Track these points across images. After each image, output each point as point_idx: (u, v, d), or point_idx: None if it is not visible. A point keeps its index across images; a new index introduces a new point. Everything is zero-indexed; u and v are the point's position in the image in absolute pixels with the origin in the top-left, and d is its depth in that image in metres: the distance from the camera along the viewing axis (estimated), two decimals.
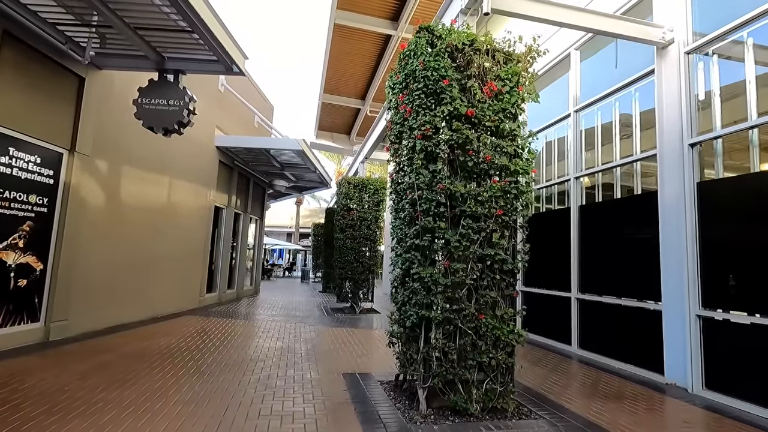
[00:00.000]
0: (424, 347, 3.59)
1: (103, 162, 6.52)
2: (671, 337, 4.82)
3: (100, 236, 6.47)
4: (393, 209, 4.15)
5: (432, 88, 3.63)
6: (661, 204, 5.07)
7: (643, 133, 5.81)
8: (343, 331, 7.63)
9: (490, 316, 3.62)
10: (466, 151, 3.65)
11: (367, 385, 4.36)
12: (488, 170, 3.70)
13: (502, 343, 3.61)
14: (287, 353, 5.72)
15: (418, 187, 3.62)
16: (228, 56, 5.80)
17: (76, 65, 5.88)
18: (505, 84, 3.81)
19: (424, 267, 3.59)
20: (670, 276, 4.89)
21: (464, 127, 3.62)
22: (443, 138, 3.59)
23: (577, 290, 6.52)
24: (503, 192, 3.68)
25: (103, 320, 6.56)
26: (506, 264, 3.68)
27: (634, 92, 5.98)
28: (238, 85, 11.65)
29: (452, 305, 3.55)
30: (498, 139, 3.74)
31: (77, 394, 3.71)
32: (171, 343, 5.96)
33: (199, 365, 4.87)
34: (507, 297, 3.79)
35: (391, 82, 4.33)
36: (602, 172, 6.40)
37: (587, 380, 4.94)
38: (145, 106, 5.97)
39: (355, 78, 16.09)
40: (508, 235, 3.77)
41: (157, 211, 8.01)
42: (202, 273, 10.03)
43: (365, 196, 10.53)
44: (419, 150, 3.62)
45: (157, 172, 7.89)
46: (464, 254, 3.57)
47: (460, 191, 3.58)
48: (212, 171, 10.39)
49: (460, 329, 3.57)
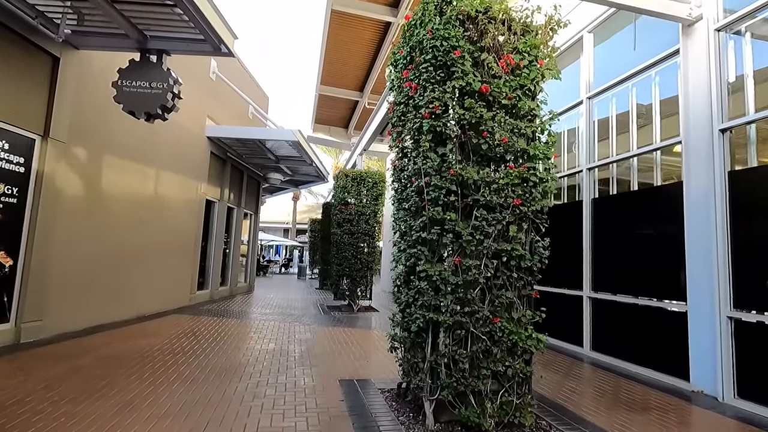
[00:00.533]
0: (432, 354, 3.17)
1: (81, 149, 6.04)
2: (698, 340, 4.42)
3: (78, 229, 6.01)
4: (396, 199, 3.72)
5: (442, 60, 3.19)
6: (687, 195, 4.66)
7: (664, 121, 5.39)
8: (339, 332, 7.22)
9: (505, 319, 3.20)
10: (480, 132, 3.21)
11: (366, 394, 3.95)
12: (504, 154, 3.26)
13: (519, 349, 3.20)
14: (280, 356, 5.30)
15: (426, 172, 3.19)
16: (215, 35, 5.33)
17: (50, 43, 5.40)
18: (523, 57, 3.37)
19: (431, 264, 3.17)
20: (697, 274, 4.48)
21: (478, 105, 3.19)
22: (454, 117, 3.15)
23: (589, 288, 6.11)
24: (521, 179, 3.25)
25: (82, 320, 6.11)
26: (524, 260, 3.26)
27: (653, 76, 5.56)
28: (232, 73, 11.16)
29: (463, 307, 3.13)
30: (515, 119, 3.31)
31: (39, 407, 3.28)
32: (154, 345, 5.52)
33: (181, 371, 4.44)
34: (524, 298, 3.37)
35: (393, 59, 3.90)
36: (617, 162, 5.99)
37: (606, 387, 4.54)
38: (126, 88, 5.50)
39: (353, 68, 15.59)
40: (526, 228, 3.34)
41: (143, 203, 7.54)
42: (193, 269, 9.57)
43: (363, 189, 10.10)
44: (427, 131, 3.18)
45: (142, 162, 7.42)
46: (477, 249, 3.15)
47: (473, 178, 3.16)
48: (203, 162, 9.92)
49: (473, 334, 3.15)
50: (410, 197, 3.37)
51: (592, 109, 6.48)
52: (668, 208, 4.99)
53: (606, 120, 6.30)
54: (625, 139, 5.94)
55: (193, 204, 9.49)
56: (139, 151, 7.31)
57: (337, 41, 13.90)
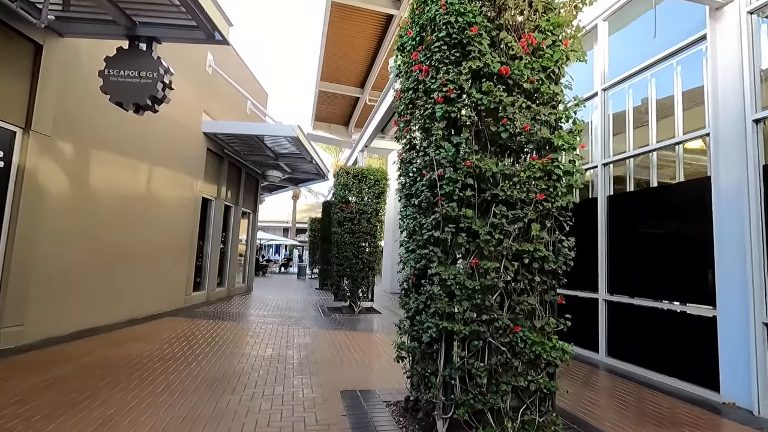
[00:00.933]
0: (446, 368, 2.84)
1: (67, 143, 5.70)
2: (729, 348, 4.09)
3: (63, 228, 5.67)
4: (403, 194, 3.39)
5: (456, 38, 2.85)
6: (716, 191, 4.32)
7: (687, 112, 5.05)
8: (340, 335, 6.88)
9: (527, 328, 2.87)
10: (499, 119, 2.87)
11: (371, 407, 3.61)
12: (526, 144, 2.93)
13: (542, 361, 2.86)
14: (277, 363, 4.96)
15: (439, 164, 2.85)
16: (209, 21, 4.99)
17: (32, 30, 5.05)
18: (546, 37, 3.03)
19: (445, 266, 2.83)
20: (727, 276, 4.15)
21: (497, 89, 2.85)
22: (470, 102, 2.82)
23: (605, 291, 5.78)
24: (544, 172, 2.91)
25: (69, 324, 5.78)
26: (547, 262, 2.92)
27: (675, 65, 5.21)
28: (229, 67, 10.82)
29: (480, 315, 2.79)
30: (537, 105, 2.97)
31: (8, 425, 2.95)
32: (144, 350, 5.19)
33: (171, 381, 4.11)
34: (547, 303, 3.04)
35: (400, 43, 3.56)
36: (634, 158, 5.65)
37: (629, 398, 4.20)
38: (113, 78, 5.16)
39: (353, 63, 15.26)
40: (550, 226, 3.01)
41: (135, 201, 7.20)
42: (188, 270, 9.24)
43: (365, 187, 9.76)
44: (440, 117, 2.84)
45: (133, 158, 7.07)
46: (496, 250, 2.81)
47: (492, 170, 2.82)
48: (199, 159, 9.58)
49: (491, 345, 2.82)
50: (420, 192, 3.04)
51: (607, 102, 6.14)
52: (694, 205, 4.66)
53: (622, 113, 5.96)
54: (643, 133, 5.60)
55: (189, 202, 9.15)
56: (131, 146, 6.97)
57: (338, 35, 13.56)
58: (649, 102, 5.55)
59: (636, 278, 5.41)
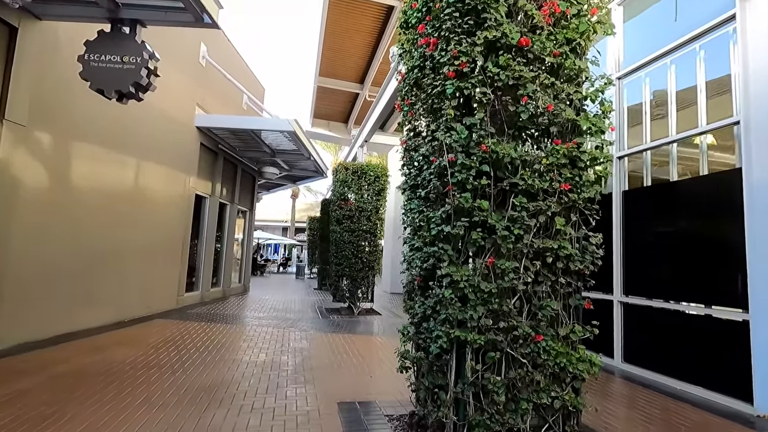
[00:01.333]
0: (457, 383, 2.48)
1: (45, 134, 5.33)
2: (764, 355, 3.73)
3: (42, 226, 5.30)
4: (408, 186, 3.03)
5: (470, 4, 2.48)
6: (748, 184, 3.96)
7: (711, 101, 4.69)
8: (339, 339, 6.52)
9: (550, 336, 2.51)
10: (518, 97, 2.51)
11: (371, 423, 3.25)
12: (549, 126, 2.56)
13: (568, 375, 2.50)
14: (270, 371, 4.60)
15: (449, 148, 2.49)
16: (197, 2, 4.63)
17: (5, 11, 4.68)
18: (570, 5, 2.67)
19: (457, 266, 2.47)
20: (762, 278, 3.79)
21: (516, 63, 2.49)
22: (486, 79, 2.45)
23: (620, 292, 5.42)
24: (570, 158, 2.55)
25: (48, 328, 5.41)
26: (573, 262, 2.56)
27: (698, 50, 4.85)
28: (224, 59, 10.45)
29: (497, 322, 2.43)
30: (562, 82, 2.61)
31: None
32: (126, 357, 4.82)
33: (152, 392, 3.74)
34: (571, 308, 2.68)
35: (403, 19, 3.19)
36: (653, 149, 5.29)
37: (653, 410, 3.84)
38: (94, 63, 4.78)
39: (353, 58, 14.89)
40: (575, 220, 2.65)
41: (122, 197, 6.82)
42: (181, 269, 8.86)
43: (365, 183, 9.40)
44: (451, 94, 2.48)
45: (120, 151, 6.69)
46: (515, 247, 2.45)
47: (510, 156, 2.45)
48: (192, 154, 9.20)
49: (509, 357, 2.45)
50: (428, 182, 2.67)
51: (622, 91, 5.78)
52: (721, 199, 4.30)
53: (638, 104, 5.60)
54: (661, 125, 5.24)
55: (181, 199, 8.78)
56: (117, 138, 6.59)
57: (337, 29, 13.19)
58: (668, 90, 5.20)
59: (654, 279, 5.05)
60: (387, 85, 8.78)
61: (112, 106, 5.59)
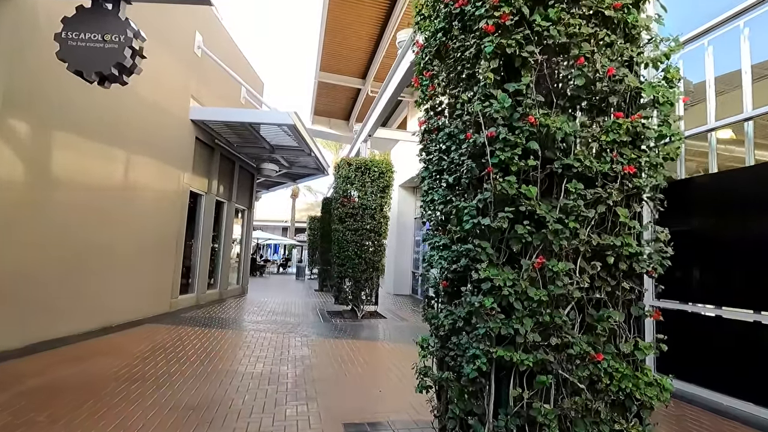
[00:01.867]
0: (498, 413, 1.99)
1: (21, 123, 4.84)
2: None
3: (17, 224, 4.81)
4: (430, 172, 2.55)
5: None
6: None
7: (757, 83, 4.21)
8: (342, 345, 6.03)
9: (611, 355, 2.02)
10: (572, 59, 2.03)
11: None
12: (609, 95, 2.08)
13: (634, 403, 2.02)
14: (268, 385, 4.12)
15: (489, 121, 2.00)
16: None
17: None
18: None
19: (498, 268, 1.99)
20: None
21: (570, 15, 2.00)
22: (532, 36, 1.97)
23: (652, 296, 4.93)
24: (634, 134, 2.07)
25: (25, 335, 4.91)
26: (639, 262, 2.08)
27: (742, 27, 4.37)
28: (221, 50, 9.96)
29: (548, 338, 1.95)
30: (624, 42, 2.12)
31: None
32: (109, 368, 4.34)
33: (130, 412, 3.25)
34: (632, 319, 2.19)
35: None
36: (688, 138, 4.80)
37: (700, 429, 3.36)
38: (72, 42, 4.30)
39: (355, 52, 14.43)
40: (639, 211, 2.17)
41: (109, 192, 6.33)
42: (174, 270, 8.37)
43: (368, 180, 8.92)
44: (491, 54, 1.99)
45: (107, 143, 6.21)
46: (570, 245, 1.97)
47: (563, 131, 1.97)
48: (187, 149, 8.71)
49: (563, 380, 1.97)
50: (459, 165, 2.19)
51: None
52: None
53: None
54: (699, 110, 4.75)
55: (175, 196, 8.29)
56: (104, 129, 6.10)
57: (338, 22, 12.72)
58: (705, 73, 4.71)
59: (690, 281, 4.58)
60: (393, 75, 8.29)
61: (99, 94, 5.12)
